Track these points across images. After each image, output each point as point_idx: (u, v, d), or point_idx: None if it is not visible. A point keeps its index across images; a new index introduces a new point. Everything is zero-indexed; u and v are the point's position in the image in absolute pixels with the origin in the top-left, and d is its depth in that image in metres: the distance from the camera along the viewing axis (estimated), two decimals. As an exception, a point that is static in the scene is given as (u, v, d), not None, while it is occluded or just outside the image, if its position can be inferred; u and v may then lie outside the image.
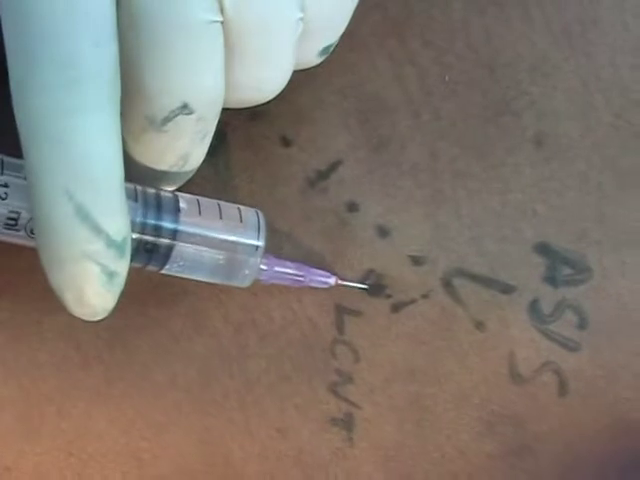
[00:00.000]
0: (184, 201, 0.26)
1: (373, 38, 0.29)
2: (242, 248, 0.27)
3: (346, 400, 0.29)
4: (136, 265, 0.26)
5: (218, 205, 0.27)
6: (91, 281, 0.23)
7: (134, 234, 0.26)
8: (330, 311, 0.29)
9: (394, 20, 0.29)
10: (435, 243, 0.29)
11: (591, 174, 0.29)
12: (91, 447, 0.29)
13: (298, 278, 0.28)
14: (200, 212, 0.26)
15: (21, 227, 0.25)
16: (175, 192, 0.27)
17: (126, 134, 0.25)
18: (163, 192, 0.26)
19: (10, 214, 0.25)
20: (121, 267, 0.24)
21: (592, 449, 0.30)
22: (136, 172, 0.26)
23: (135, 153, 0.25)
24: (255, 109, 0.27)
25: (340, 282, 0.29)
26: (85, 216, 0.22)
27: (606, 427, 0.29)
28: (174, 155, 0.26)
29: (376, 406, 0.29)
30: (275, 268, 0.28)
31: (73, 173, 0.22)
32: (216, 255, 0.27)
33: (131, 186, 0.26)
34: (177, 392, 0.29)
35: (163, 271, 0.27)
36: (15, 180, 0.25)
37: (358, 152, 0.29)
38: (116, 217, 0.23)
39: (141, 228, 0.26)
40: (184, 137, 0.25)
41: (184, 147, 0.26)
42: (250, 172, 0.29)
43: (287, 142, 0.29)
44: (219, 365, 0.29)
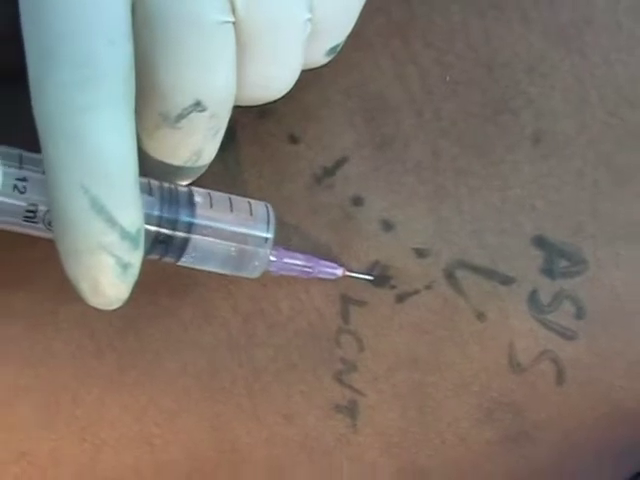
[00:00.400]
0: (199, 195, 0.27)
1: (377, 39, 0.30)
2: (252, 240, 0.27)
3: (350, 388, 0.30)
4: (153, 257, 0.27)
5: (229, 199, 0.28)
6: (106, 272, 0.24)
7: (152, 227, 0.26)
8: (336, 301, 0.30)
9: (397, 22, 0.30)
10: (438, 236, 0.30)
11: (586, 170, 0.30)
12: (104, 433, 0.29)
13: (306, 269, 0.29)
14: (212, 205, 0.27)
15: (39, 219, 0.25)
16: (189, 186, 0.27)
17: (141, 130, 0.25)
18: (179, 187, 0.27)
19: (29, 207, 0.25)
20: (135, 258, 0.24)
21: (589, 435, 0.30)
22: (150, 167, 0.26)
23: (149, 149, 0.26)
24: (263, 107, 0.28)
25: (347, 273, 0.29)
26: (100, 209, 0.23)
27: (602, 414, 0.30)
28: (187, 151, 0.26)
29: (379, 394, 0.30)
30: (284, 259, 0.29)
31: (88, 168, 0.23)
32: (227, 247, 0.27)
33: (146, 181, 0.27)
34: (187, 379, 0.29)
35: (179, 263, 0.27)
36: (34, 174, 0.25)
37: (363, 149, 0.30)
38: (130, 210, 0.24)
39: (158, 222, 0.26)
40: (197, 133, 0.26)
41: (197, 143, 0.26)
42: (258, 168, 0.30)
43: (294, 139, 0.30)
44: (228, 353, 0.29)
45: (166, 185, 0.27)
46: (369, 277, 0.30)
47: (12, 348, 0.29)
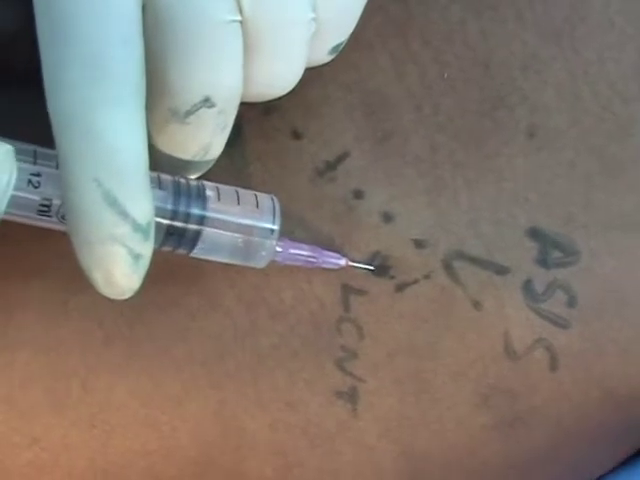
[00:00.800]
0: (209, 189, 0.28)
1: (377, 39, 0.31)
2: (259, 231, 0.28)
3: (351, 374, 0.30)
4: (166, 249, 0.28)
5: (236, 192, 0.28)
6: (118, 262, 0.25)
7: (165, 221, 0.27)
8: (337, 291, 0.30)
9: (396, 22, 0.31)
10: (436, 228, 0.30)
11: (579, 163, 0.31)
12: (114, 419, 0.30)
13: (311, 259, 0.30)
14: (220, 199, 0.28)
15: (53, 213, 0.26)
16: (200, 180, 0.28)
17: (151, 126, 0.26)
18: (191, 181, 0.28)
19: (43, 201, 0.26)
20: (146, 249, 0.25)
21: (581, 420, 0.31)
22: (160, 161, 0.27)
23: (159, 143, 0.27)
24: (268, 104, 0.29)
25: (350, 263, 0.30)
26: (113, 202, 0.24)
27: (595, 399, 0.31)
28: (196, 145, 0.27)
29: (379, 380, 0.30)
30: (289, 250, 0.29)
31: (101, 162, 0.24)
32: (236, 238, 0.28)
33: (155, 175, 0.27)
34: (193, 367, 0.30)
35: (191, 254, 0.28)
36: (47, 169, 0.26)
37: (363, 144, 0.31)
38: (141, 203, 0.25)
39: (172, 215, 0.27)
40: (205, 129, 0.27)
41: (205, 138, 0.27)
42: (263, 162, 0.31)
43: (298, 135, 0.31)
44: (232, 341, 0.30)
45: (178, 179, 0.28)
46: (370, 267, 0.30)
47: (25, 336, 0.30)
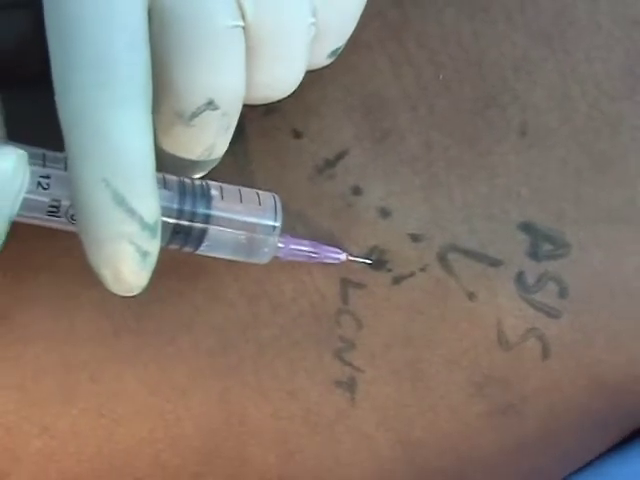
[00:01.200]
0: (213, 188, 0.29)
1: (374, 41, 0.32)
2: (261, 228, 0.29)
3: (350, 365, 0.31)
4: (173, 247, 0.29)
5: (239, 191, 0.29)
6: (127, 260, 0.25)
7: (172, 219, 0.28)
8: (336, 284, 0.31)
9: (393, 26, 0.32)
10: (431, 222, 0.31)
11: (569, 159, 0.31)
12: (121, 408, 0.31)
13: (312, 255, 0.31)
14: (224, 197, 0.29)
15: (62, 214, 0.27)
16: (205, 180, 0.29)
17: (157, 128, 0.27)
18: (196, 181, 0.29)
19: (52, 202, 0.27)
20: (153, 247, 0.26)
21: (572, 407, 0.32)
22: (166, 162, 0.28)
23: (165, 145, 0.28)
24: (269, 104, 0.30)
25: (350, 258, 0.31)
26: (121, 201, 0.25)
27: (585, 387, 0.32)
28: (201, 146, 0.28)
29: (376, 370, 0.31)
30: (291, 246, 0.30)
31: (109, 162, 0.25)
32: (239, 235, 0.29)
33: (161, 175, 0.28)
34: (198, 358, 0.31)
35: (197, 252, 0.29)
36: (56, 172, 0.27)
37: (362, 143, 0.32)
38: (149, 202, 0.25)
39: (178, 214, 0.28)
40: (210, 130, 0.27)
41: (210, 139, 0.28)
42: (265, 160, 0.31)
43: (298, 134, 0.32)
44: (235, 333, 0.31)
45: (183, 179, 0.29)
46: (369, 261, 0.31)
47: (37, 328, 0.31)
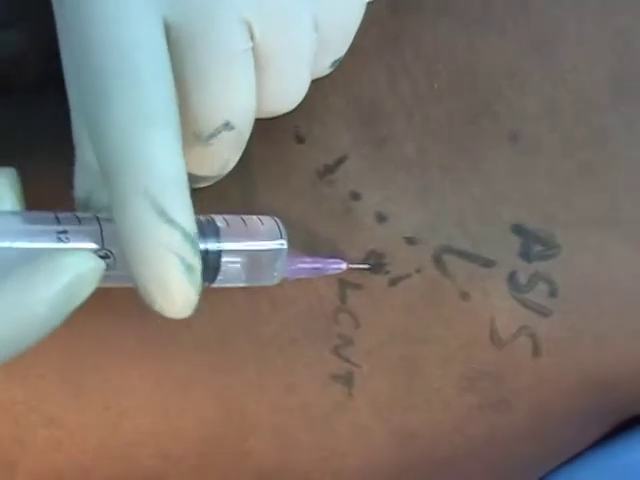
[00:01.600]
0: (219, 221, 0.29)
1: (372, 52, 0.33)
2: (269, 254, 0.30)
3: (347, 360, 0.32)
4: None
5: (242, 219, 0.30)
6: (172, 270, 0.25)
7: None
8: (334, 285, 0.32)
9: (390, 37, 0.33)
10: (426, 226, 0.32)
11: (558, 166, 0.32)
12: (125, 401, 0.32)
13: (316, 269, 0.31)
14: (229, 226, 0.29)
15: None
16: (209, 215, 0.29)
17: None
18: (201, 216, 0.29)
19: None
20: (196, 261, 0.26)
21: (561, 402, 0.33)
22: None
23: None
24: None
25: (350, 266, 0.32)
26: (161, 212, 0.25)
27: (573, 383, 0.33)
28: (217, 164, 0.29)
29: (373, 365, 0.32)
30: (296, 265, 0.31)
31: (150, 177, 0.25)
32: (248, 264, 0.29)
33: None
34: (200, 353, 0.32)
35: (212, 285, 0.29)
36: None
37: (360, 149, 0.33)
38: (187, 213, 0.26)
39: None
40: (226, 149, 0.29)
41: (225, 157, 0.29)
42: (267, 165, 0.32)
43: (300, 139, 0.33)
44: (236, 330, 0.32)
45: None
46: (367, 267, 0.32)
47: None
